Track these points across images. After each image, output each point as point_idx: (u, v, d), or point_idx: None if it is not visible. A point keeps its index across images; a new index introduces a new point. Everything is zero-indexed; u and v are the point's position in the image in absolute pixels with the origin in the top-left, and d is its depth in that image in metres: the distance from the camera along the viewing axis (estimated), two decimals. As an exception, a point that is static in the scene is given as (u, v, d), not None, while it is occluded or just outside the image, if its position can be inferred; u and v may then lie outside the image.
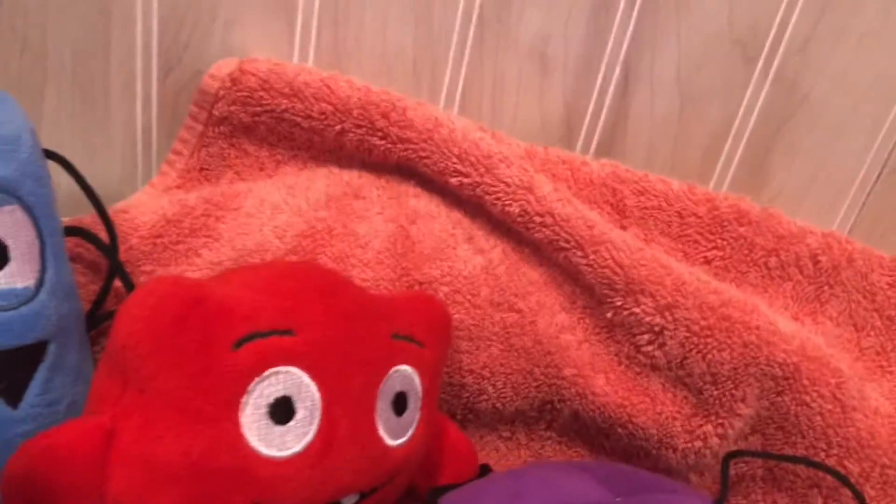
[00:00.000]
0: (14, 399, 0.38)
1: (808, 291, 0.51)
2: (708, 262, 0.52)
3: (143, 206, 0.49)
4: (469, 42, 0.53)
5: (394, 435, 0.40)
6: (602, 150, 0.56)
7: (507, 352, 0.49)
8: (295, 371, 0.36)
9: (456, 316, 0.48)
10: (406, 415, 0.41)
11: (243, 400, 0.35)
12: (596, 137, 0.56)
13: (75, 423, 0.35)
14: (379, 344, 0.40)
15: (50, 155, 0.43)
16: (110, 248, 0.45)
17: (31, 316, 0.39)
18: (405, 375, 0.41)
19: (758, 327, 0.47)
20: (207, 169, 0.53)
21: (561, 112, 0.55)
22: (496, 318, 0.49)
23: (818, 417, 0.48)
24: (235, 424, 0.35)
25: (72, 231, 0.44)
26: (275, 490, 0.36)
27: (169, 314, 0.34)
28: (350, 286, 0.41)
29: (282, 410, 0.36)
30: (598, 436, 0.51)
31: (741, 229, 0.51)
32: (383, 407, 0.39)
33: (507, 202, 0.48)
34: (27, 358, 0.39)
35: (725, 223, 0.51)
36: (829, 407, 0.48)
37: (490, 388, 0.50)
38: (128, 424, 0.35)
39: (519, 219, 0.48)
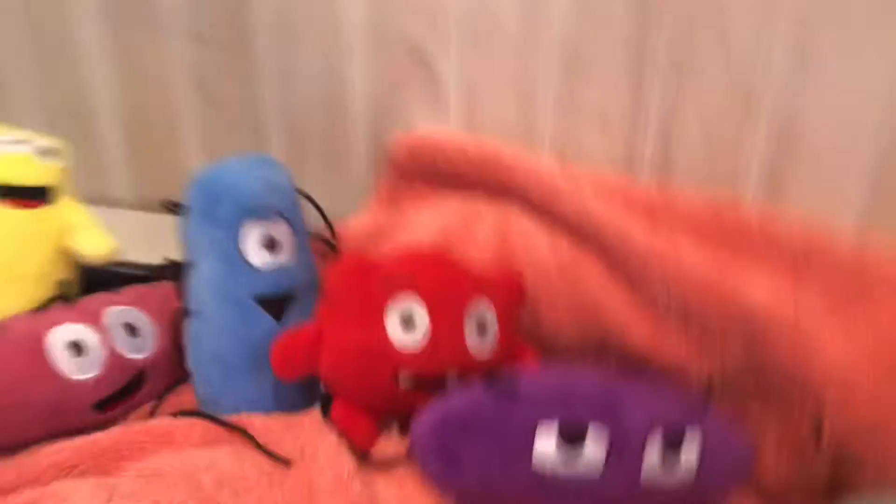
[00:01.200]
0: (279, 319, 0.73)
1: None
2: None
3: (356, 223, 0.83)
4: (551, 124, 0.81)
5: (478, 344, 0.69)
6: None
7: (569, 307, 0.76)
8: (414, 302, 0.67)
9: (535, 285, 0.76)
10: (487, 336, 0.70)
11: (386, 317, 0.66)
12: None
13: (302, 329, 0.69)
14: (469, 289, 0.69)
15: (302, 194, 0.78)
16: (333, 246, 0.79)
17: (289, 279, 0.73)
18: (485, 311, 0.69)
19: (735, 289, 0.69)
20: (394, 199, 0.86)
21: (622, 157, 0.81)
22: (562, 286, 0.76)
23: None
24: (383, 330, 0.66)
25: (314, 236, 0.79)
26: (405, 364, 0.66)
27: (347, 270, 0.67)
28: (454, 259, 0.71)
29: (406, 321, 0.66)
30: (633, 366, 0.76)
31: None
32: (469, 328, 0.68)
33: (568, 214, 0.76)
34: (286, 300, 0.73)
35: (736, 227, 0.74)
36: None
37: (559, 331, 0.77)
38: (329, 328, 0.68)
39: (577, 223, 0.75)
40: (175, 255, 0.83)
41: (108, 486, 0.61)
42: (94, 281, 0.82)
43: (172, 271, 0.83)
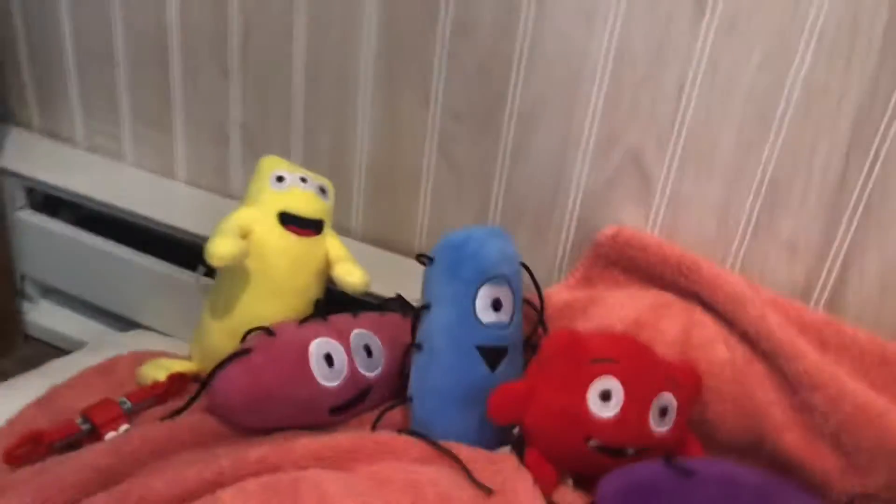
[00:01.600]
0: (493, 367, 0.88)
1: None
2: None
3: (556, 294, 0.98)
4: (744, 245, 0.94)
5: (658, 427, 0.82)
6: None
7: (734, 408, 0.88)
8: (613, 379, 0.80)
9: (707, 382, 0.88)
10: (665, 420, 0.82)
11: (589, 389, 0.80)
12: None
13: (516, 383, 0.84)
14: (658, 377, 0.82)
15: (523, 266, 0.93)
16: (539, 312, 0.94)
17: (506, 335, 0.88)
18: (668, 399, 0.82)
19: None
20: (589, 279, 1.00)
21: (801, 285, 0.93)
22: (731, 388, 0.88)
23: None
24: (584, 398, 0.80)
25: (525, 300, 0.94)
26: (596, 431, 0.80)
27: (562, 342, 0.82)
28: (649, 348, 0.85)
29: (604, 396, 0.80)
30: (781, 469, 0.87)
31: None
32: (653, 411, 0.82)
33: (748, 324, 0.88)
34: (502, 352, 0.88)
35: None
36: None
37: (721, 429, 0.89)
38: (538, 387, 0.83)
39: (754, 335, 0.87)
40: (390, 287, 1.00)
41: (348, 482, 0.77)
42: (330, 302, 0.99)
43: (400, 306, 1.00)
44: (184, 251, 1.21)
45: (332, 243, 0.98)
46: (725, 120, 0.91)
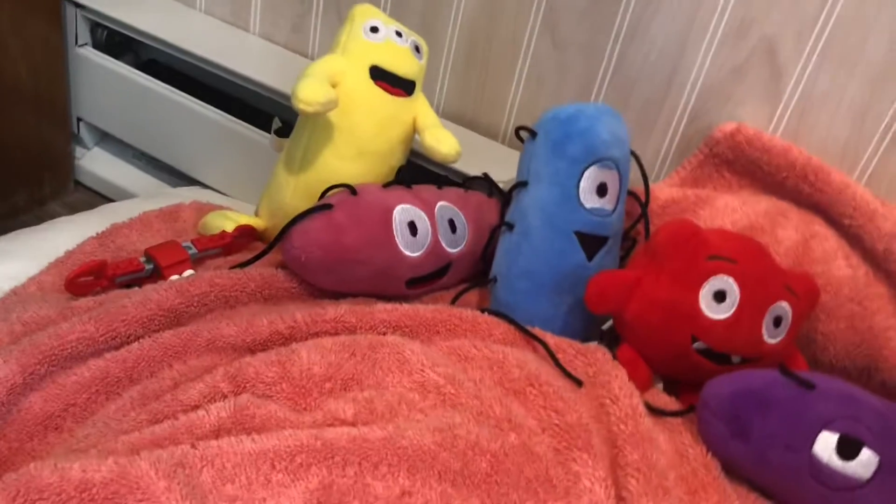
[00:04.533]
0: (590, 257, 0.80)
1: None
2: None
3: (660, 190, 0.90)
4: (877, 155, 0.84)
5: (769, 337, 0.74)
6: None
7: (848, 329, 0.80)
8: (730, 280, 0.73)
9: (822, 297, 0.81)
10: (778, 331, 0.75)
11: (703, 286, 0.73)
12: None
13: (621, 271, 0.76)
14: (777, 284, 0.74)
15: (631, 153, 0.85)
16: (644, 205, 0.86)
17: (608, 224, 0.81)
18: (784, 308, 0.75)
19: None
20: (697, 178, 0.92)
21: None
22: (847, 307, 0.80)
23: None
24: (696, 296, 0.73)
25: (629, 192, 0.86)
26: (705, 332, 0.73)
27: (680, 233, 0.74)
28: (770, 253, 0.77)
29: (719, 297, 0.73)
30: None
31: None
32: (768, 320, 0.74)
33: (877, 241, 0.79)
34: (601, 241, 0.81)
35: None
36: None
37: (830, 348, 0.81)
38: (646, 278, 0.75)
39: (883, 254, 0.79)
40: (472, 168, 0.92)
41: (428, 352, 0.71)
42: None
43: (483, 185, 0.93)
44: (248, 111, 1.13)
45: (422, 108, 0.90)
46: (881, 14, 0.81)
